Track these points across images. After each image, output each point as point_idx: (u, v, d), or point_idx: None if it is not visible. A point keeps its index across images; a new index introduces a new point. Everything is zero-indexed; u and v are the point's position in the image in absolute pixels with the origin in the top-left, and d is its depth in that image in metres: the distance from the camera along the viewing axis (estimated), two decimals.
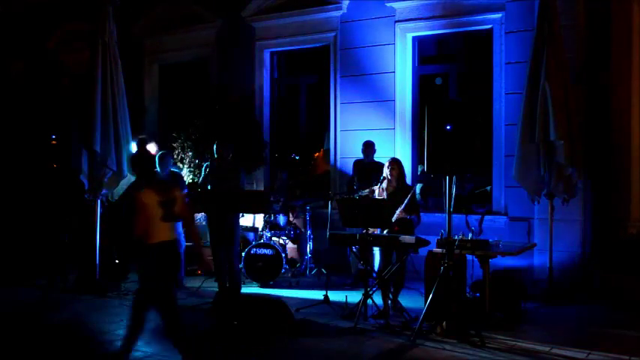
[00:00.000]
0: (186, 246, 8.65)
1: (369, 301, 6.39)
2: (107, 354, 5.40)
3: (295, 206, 9.17)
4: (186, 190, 8.23)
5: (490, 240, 6.27)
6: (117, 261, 8.43)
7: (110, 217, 8.58)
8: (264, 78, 10.54)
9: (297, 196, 9.32)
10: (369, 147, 8.71)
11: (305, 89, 10.60)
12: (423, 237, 6.46)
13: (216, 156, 7.61)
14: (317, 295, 7.25)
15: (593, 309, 6.91)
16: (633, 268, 7.00)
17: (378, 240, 6.59)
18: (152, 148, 9.45)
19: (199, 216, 9.43)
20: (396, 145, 9.19)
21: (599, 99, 7.78)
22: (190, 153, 9.58)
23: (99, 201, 8.06)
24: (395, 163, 6.91)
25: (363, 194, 7.76)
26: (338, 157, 9.70)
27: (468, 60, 9.18)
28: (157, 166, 7.98)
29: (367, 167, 8.62)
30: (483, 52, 8.79)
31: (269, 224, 8.61)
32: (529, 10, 7.93)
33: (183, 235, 8.05)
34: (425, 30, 9.16)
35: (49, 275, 8.37)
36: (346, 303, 6.83)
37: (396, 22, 9.23)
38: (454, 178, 5.88)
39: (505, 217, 8.33)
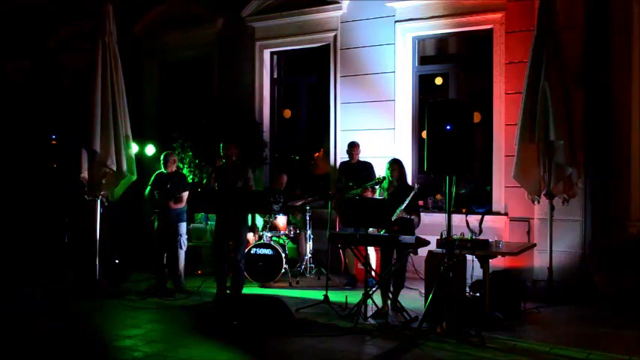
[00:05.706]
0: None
1: (369, 301, 6.40)
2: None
3: (295, 206, 9.16)
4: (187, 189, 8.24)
5: (490, 240, 6.27)
6: (117, 261, 8.42)
7: (110, 217, 8.58)
8: (264, 78, 10.54)
9: (297, 196, 9.30)
10: (353, 148, 8.73)
11: (305, 89, 10.60)
12: (423, 237, 6.47)
13: (222, 154, 7.58)
14: (317, 295, 7.26)
15: (593, 309, 6.91)
16: (633, 268, 6.99)
17: (378, 240, 6.60)
18: (150, 149, 9.46)
19: (200, 217, 9.44)
20: (396, 145, 9.19)
21: (599, 99, 7.77)
22: (190, 153, 9.58)
23: (99, 201, 8.06)
24: (395, 164, 6.93)
25: (355, 192, 7.77)
26: (338, 157, 9.69)
27: (468, 60, 9.18)
28: (162, 165, 7.99)
29: (354, 168, 8.63)
30: (483, 52, 8.79)
31: (269, 224, 8.60)
32: (529, 10, 7.93)
33: (185, 235, 8.09)
34: (425, 30, 9.16)
35: (49, 275, 8.37)
36: (346, 303, 6.83)
37: (396, 22, 9.22)
38: (454, 178, 5.88)
39: (505, 217, 8.33)
